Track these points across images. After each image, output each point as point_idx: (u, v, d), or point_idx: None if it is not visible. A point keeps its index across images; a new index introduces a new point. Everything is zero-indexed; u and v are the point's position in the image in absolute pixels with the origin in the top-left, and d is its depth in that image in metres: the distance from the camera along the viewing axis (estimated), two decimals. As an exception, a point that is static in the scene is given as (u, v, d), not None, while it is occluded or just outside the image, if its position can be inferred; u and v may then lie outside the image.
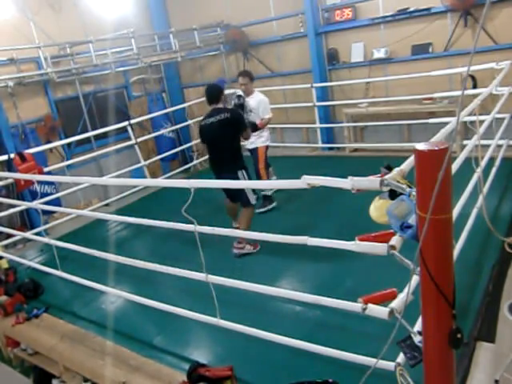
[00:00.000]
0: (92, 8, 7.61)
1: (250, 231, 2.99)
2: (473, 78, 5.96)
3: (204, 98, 4.55)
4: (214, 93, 4.47)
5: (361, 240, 2.14)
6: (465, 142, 4.94)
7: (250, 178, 4.59)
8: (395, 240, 2.00)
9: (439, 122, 5.59)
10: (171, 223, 3.01)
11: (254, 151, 5.50)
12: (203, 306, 2.99)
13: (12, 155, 5.10)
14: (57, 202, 5.75)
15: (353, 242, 2.17)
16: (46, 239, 4.35)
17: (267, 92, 7.33)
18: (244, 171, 4.45)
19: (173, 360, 3.09)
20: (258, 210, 5.13)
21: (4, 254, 4.83)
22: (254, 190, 4.47)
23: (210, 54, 8.70)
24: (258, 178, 5.43)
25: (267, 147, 5.54)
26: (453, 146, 1.54)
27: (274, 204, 5.46)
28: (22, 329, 3.81)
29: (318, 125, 7.54)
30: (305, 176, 2.24)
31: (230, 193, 4.61)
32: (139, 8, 8.38)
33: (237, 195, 4.50)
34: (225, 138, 4.39)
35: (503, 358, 2.47)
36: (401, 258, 1.96)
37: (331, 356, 2.49)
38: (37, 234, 5.00)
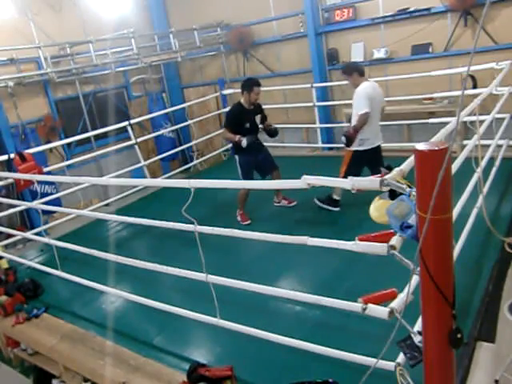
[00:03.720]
0: (92, 8, 7.60)
1: (249, 231, 2.97)
2: (473, 77, 5.95)
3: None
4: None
5: (361, 240, 2.14)
6: (465, 142, 4.95)
7: (240, 165, 5.14)
8: (395, 240, 2.00)
9: (439, 122, 5.59)
10: (171, 223, 3.02)
11: None
12: (203, 306, 2.99)
13: (12, 155, 5.10)
14: (57, 202, 5.74)
15: (353, 242, 2.18)
16: (46, 239, 4.35)
17: (267, 92, 7.35)
18: (238, 156, 5.15)
19: (173, 360, 3.09)
20: (317, 203, 5.10)
21: (4, 254, 4.83)
22: (244, 176, 5.10)
23: (210, 54, 8.71)
24: None
25: (355, 152, 4.67)
26: (453, 145, 1.54)
27: (335, 209, 4.97)
28: (22, 329, 3.81)
29: (317, 125, 7.54)
30: (305, 176, 2.24)
31: None
32: (139, 8, 8.37)
33: None
34: None
35: (503, 358, 2.47)
36: (401, 258, 1.96)
37: (331, 356, 2.49)
38: (37, 234, 4.99)
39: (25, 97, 6.73)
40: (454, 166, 2.92)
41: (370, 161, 4.70)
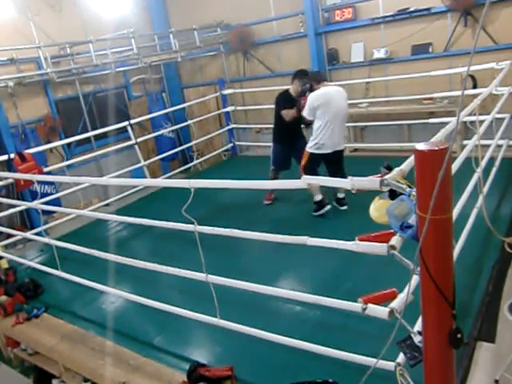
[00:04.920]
0: (92, 8, 7.60)
1: (249, 231, 2.97)
2: (473, 77, 5.95)
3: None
4: None
5: (361, 240, 2.14)
6: (465, 142, 4.95)
7: (272, 152, 5.64)
8: (395, 240, 2.00)
9: (439, 122, 5.59)
10: (171, 223, 3.02)
11: None
12: (203, 306, 2.99)
13: (12, 155, 5.10)
14: (57, 202, 5.74)
15: (353, 242, 2.18)
16: (46, 239, 4.35)
17: (267, 92, 7.35)
18: (273, 143, 5.65)
19: (173, 360, 3.09)
20: (314, 214, 5.05)
21: (4, 254, 4.83)
22: (273, 162, 5.64)
23: (210, 54, 8.71)
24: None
25: (312, 154, 4.92)
26: (453, 145, 1.54)
27: (325, 209, 5.01)
28: (22, 329, 3.81)
29: (317, 125, 7.53)
30: (305, 176, 2.24)
31: None
32: (139, 8, 8.37)
33: None
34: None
35: (503, 358, 2.47)
36: (401, 258, 1.96)
37: (331, 356, 2.49)
38: (37, 234, 4.99)
39: (25, 97, 6.73)
40: (454, 166, 2.91)
41: (326, 160, 5.08)
